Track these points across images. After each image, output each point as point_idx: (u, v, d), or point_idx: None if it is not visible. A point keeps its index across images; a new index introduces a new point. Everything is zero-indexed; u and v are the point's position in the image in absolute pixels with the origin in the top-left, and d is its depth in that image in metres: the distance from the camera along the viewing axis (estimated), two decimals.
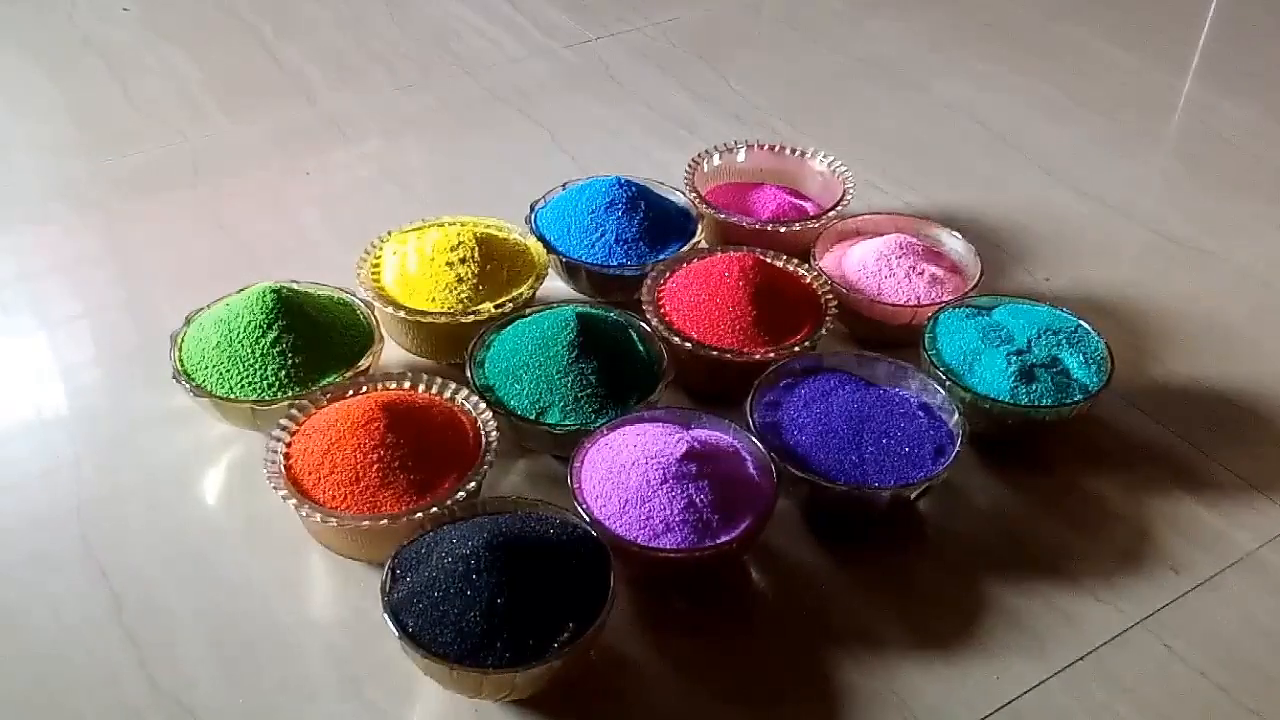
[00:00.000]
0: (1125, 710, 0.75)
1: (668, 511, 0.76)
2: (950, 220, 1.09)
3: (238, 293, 0.94)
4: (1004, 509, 0.88)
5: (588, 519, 0.77)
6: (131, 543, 0.83)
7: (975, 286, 0.99)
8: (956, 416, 0.86)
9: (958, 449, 0.83)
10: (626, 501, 0.77)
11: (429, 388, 0.87)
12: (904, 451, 0.83)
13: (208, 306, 0.94)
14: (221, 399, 0.86)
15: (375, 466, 0.78)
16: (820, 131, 1.31)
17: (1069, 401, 0.88)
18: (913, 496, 0.82)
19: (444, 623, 0.69)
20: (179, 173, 1.22)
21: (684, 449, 0.78)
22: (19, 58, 1.41)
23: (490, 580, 0.69)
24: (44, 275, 1.07)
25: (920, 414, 0.86)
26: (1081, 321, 0.94)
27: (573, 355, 0.87)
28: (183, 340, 0.90)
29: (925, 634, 0.79)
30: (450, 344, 0.96)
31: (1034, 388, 0.88)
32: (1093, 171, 1.28)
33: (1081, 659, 0.78)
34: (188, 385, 0.86)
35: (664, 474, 0.77)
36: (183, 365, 0.88)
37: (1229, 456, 0.93)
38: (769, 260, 0.98)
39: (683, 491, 0.77)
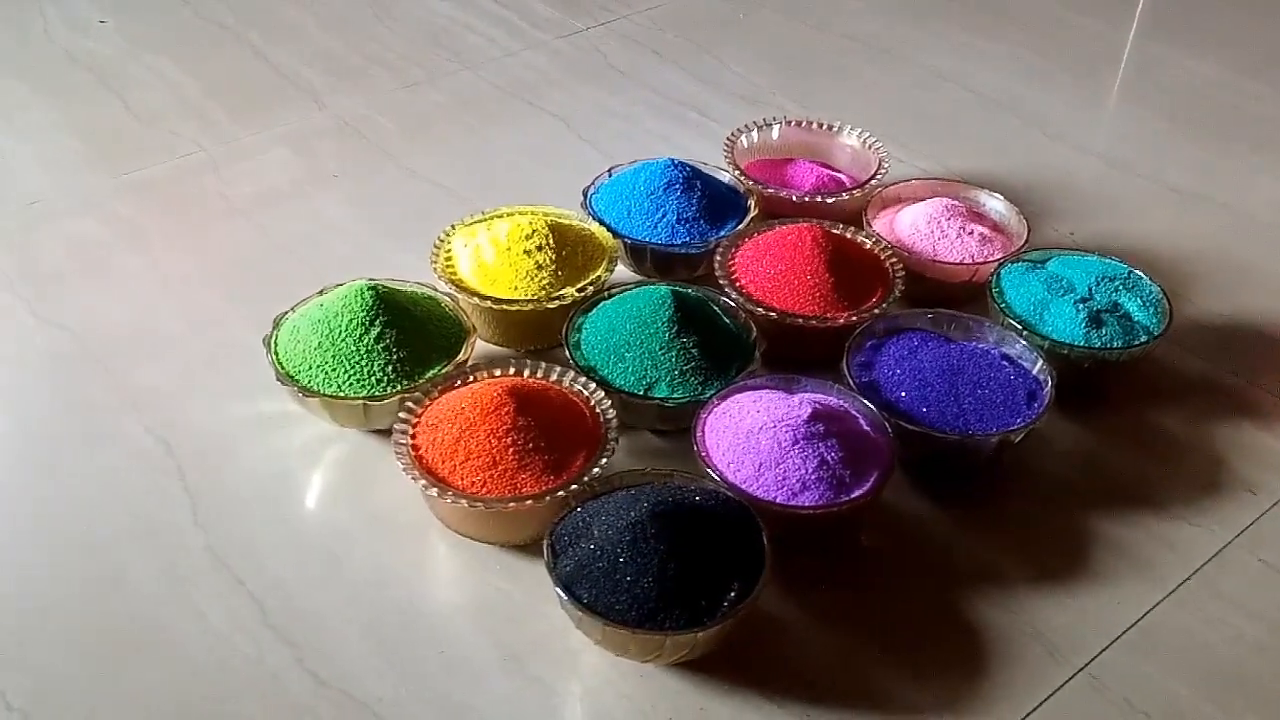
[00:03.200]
0: (1238, 621, 0.80)
1: (803, 471, 0.79)
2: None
3: (319, 294, 0.95)
4: (1083, 447, 0.93)
5: (725, 484, 0.79)
6: (258, 549, 0.83)
7: (1027, 242, 1.04)
8: (1040, 363, 0.90)
9: (1050, 393, 0.88)
10: (761, 464, 0.80)
11: (534, 372, 0.89)
12: (999, 400, 0.88)
13: (293, 310, 0.93)
14: (333, 398, 0.86)
15: (511, 450, 0.80)
16: (828, 107, 1.35)
17: (1137, 343, 0.94)
18: (1017, 441, 0.86)
19: (618, 591, 0.71)
20: (204, 182, 1.20)
21: (809, 410, 0.81)
22: (1, 76, 1.37)
23: (659, 546, 0.72)
24: (91, 292, 1.05)
25: (1005, 364, 0.91)
26: (1133, 269, 1.00)
27: (673, 331, 0.89)
28: (275, 344, 0.90)
29: (1041, 569, 0.83)
30: (532, 331, 0.97)
31: (1103, 332, 0.94)
32: (1087, 130, 1.35)
33: (1189, 579, 0.83)
34: (295, 388, 0.86)
35: (794, 435, 0.80)
36: (283, 368, 0.88)
37: (1273, 382, 0.99)
38: (834, 230, 1.01)
39: (814, 451, 0.80)
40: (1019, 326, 0.94)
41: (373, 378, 0.87)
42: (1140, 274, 0.99)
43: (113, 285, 1.06)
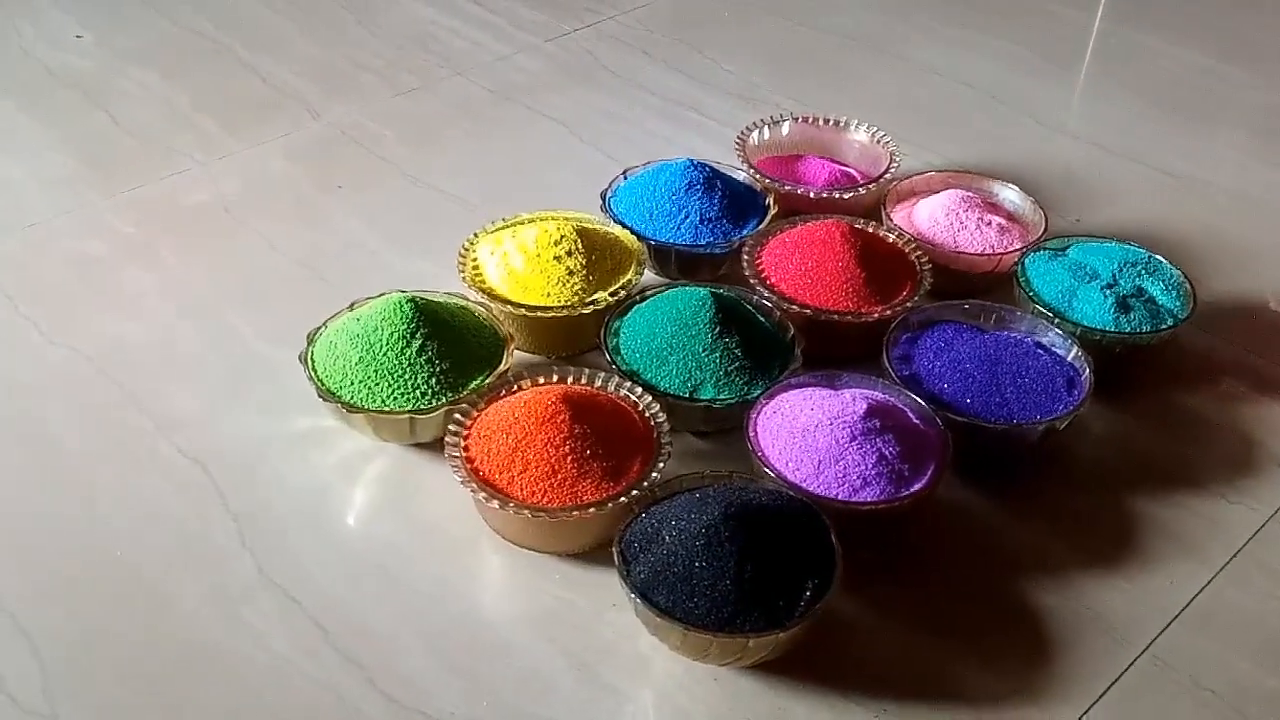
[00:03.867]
0: None
1: (863, 467, 0.80)
2: None
3: (349, 309, 0.93)
4: (1117, 431, 0.94)
5: (785, 483, 0.79)
6: (309, 568, 0.81)
7: (1046, 230, 1.05)
8: (1076, 349, 0.92)
9: (1089, 379, 0.89)
10: (820, 462, 0.80)
11: (577, 379, 0.88)
12: (1039, 388, 0.89)
13: (325, 325, 0.92)
14: (378, 413, 0.85)
15: (569, 458, 0.79)
16: (823, 103, 1.35)
17: (1164, 326, 0.95)
18: (1061, 428, 0.87)
19: (695, 595, 0.71)
20: (205, 197, 1.18)
21: (865, 406, 0.82)
22: None
23: (734, 549, 0.72)
24: (103, 312, 1.03)
25: (1040, 352, 0.92)
26: (1152, 254, 1.01)
27: (715, 332, 0.89)
28: (313, 361, 0.89)
29: (1092, 553, 0.84)
30: (566, 337, 0.97)
31: (1131, 316, 0.95)
32: (1080, 119, 1.37)
33: (1235, 556, 0.85)
34: (338, 404, 0.85)
35: (851, 432, 0.81)
36: (323, 385, 0.87)
37: None
38: (859, 225, 1.02)
39: (872, 447, 0.80)
40: (1050, 314, 0.95)
41: (416, 391, 0.86)
42: (1160, 258, 1.01)
43: (124, 305, 1.04)
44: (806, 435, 0.81)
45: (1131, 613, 0.80)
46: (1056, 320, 0.94)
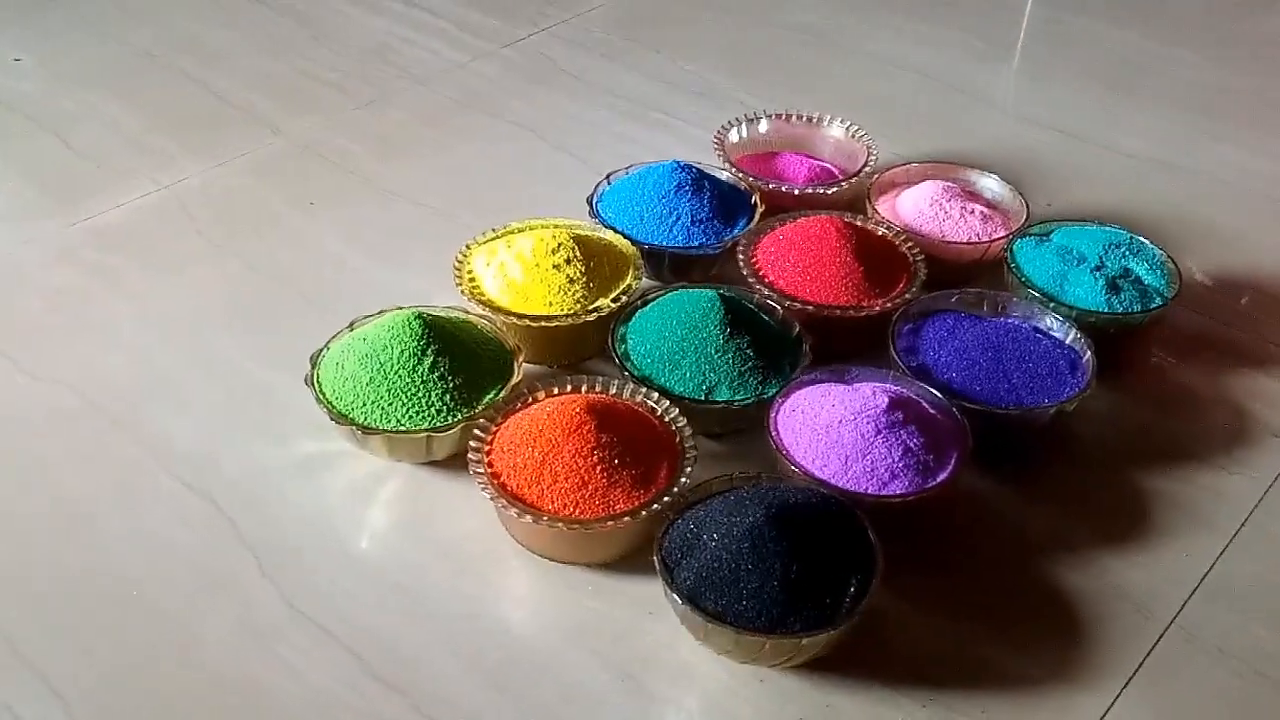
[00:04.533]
0: None
1: (890, 460, 0.80)
2: None
3: (349, 328, 0.91)
4: (1116, 410, 0.96)
5: (814, 480, 0.80)
6: (334, 595, 0.80)
7: (1028, 216, 1.07)
8: (1074, 332, 0.93)
9: (1091, 360, 0.91)
10: (847, 458, 0.80)
11: (590, 387, 0.88)
12: (1044, 371, 0.90)
13: (327, 346, 0.90)
14: (394, 433, 0.83)
15: (599, 468, 0.79)
16: (785, 99, 1.34)
17: (1153, 305, 0.98)
18: (1070, 409, 0.89)
19: (745, 598, 0.71)
20: (173, 219, 1.15)
21: (886, 400, 0.82)
22: None
23: (779, 549, 0.72)
24: (84, 345, 0.99)
25: (1039, 336, 0.94)
26: (1134, 235, 1.04)
27: (726, 333, 0.89)
28: (319, 384, 0.87)
29: (1109, 531, 0.86)
30: (569, 346, 0.96)
31: (1122, 297, 0.97)
32: (1039, 105, 1.40)
33: (1243, 525, 0.87)
34: (353, 427, 0.83)
35: (876, 426, 0.81)
36: (333, 407, 0.85)
37: (1268, 330, 1.05)
38: (851, 219, 1.03)
39: (898, 439, 0.81)
40: (1045, 299, 0.96)
41: (431, 408, 0.84)
42: (1142, 239, 1.03)
43: (105, 335, 1.01)
44: (831, 431, 0.82)
45: (1153, 587, 0.82)
46: (1052, 304, 0.96)
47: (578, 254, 0.96)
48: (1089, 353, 0.92)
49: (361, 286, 1.06)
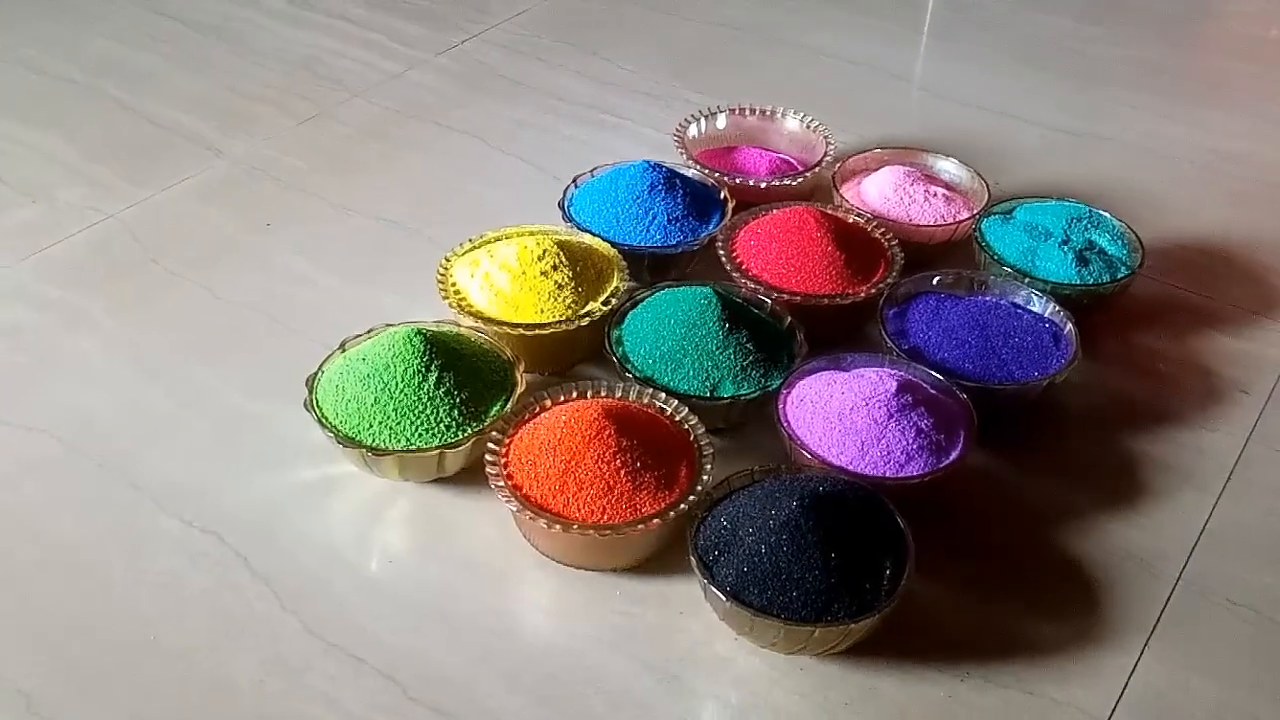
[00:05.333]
0: None
1: (904, 442, 0.82)
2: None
3: (342, 349, 0.90)
4: (1094, 378, 0.99)
5: (833, 468, 0.81)
6: (362, 622, 0.78)
7: (990, 197, 1.10)
8: (1052, 305, 0.96)
9: (1073, 331, 0.94)
10: (864, 443, 0.82)
11: (597, 392, 0.87)
12: (1029, 345, 0.93)
13: (321, 370, 0.88)
14: (406, 452, 0.82)
15: (623, 472, 0.79)
16: (725, 93, 1.36)
17: (1120, 275, 1.01)
18: (1060, 381, 0.92)
19: (788, 590, 0.72)
20: (126, 250, 1.11)
21: (895, 384, 0.84)
22: None
23: (817, 539, 0.73)
24: (55, 385, 0.95)
25: (1019, 311, 0.96)
26: (1093, 208, 1.07)
27: (725, 329, 0.90)
28: (320, 408, 0.85)
29: (1106, 496, 0.89)
30: (563, 351, 0.96)
31: (1090, 269, 1.01)
32: (973, 88, 1.44)
33: (1229, 480, 0.91)
34: (362, 450, 0.82)
35: (888, 410, 0.83)
36: (339, 431, 0.83)
37: (1222, 292, 1.10)
38: (826, 209, 1.04)
39: (910, 422, 0.83)
40: (1020, 275, 0.99)
41: (440, 424, 0.83)
42: (1101, 212, 1.07)
43: (74, 373, 0.97)
44: (843, 418, 0.83)
45: (1157, 546, 0.85)
46: (1027, 280, 0.99)
47: (563, 259, 0.95)
48: (1069, 324, 0.95)
49: (335, 307, 1.04)
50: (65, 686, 0.74)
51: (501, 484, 0.80)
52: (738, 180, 1.10)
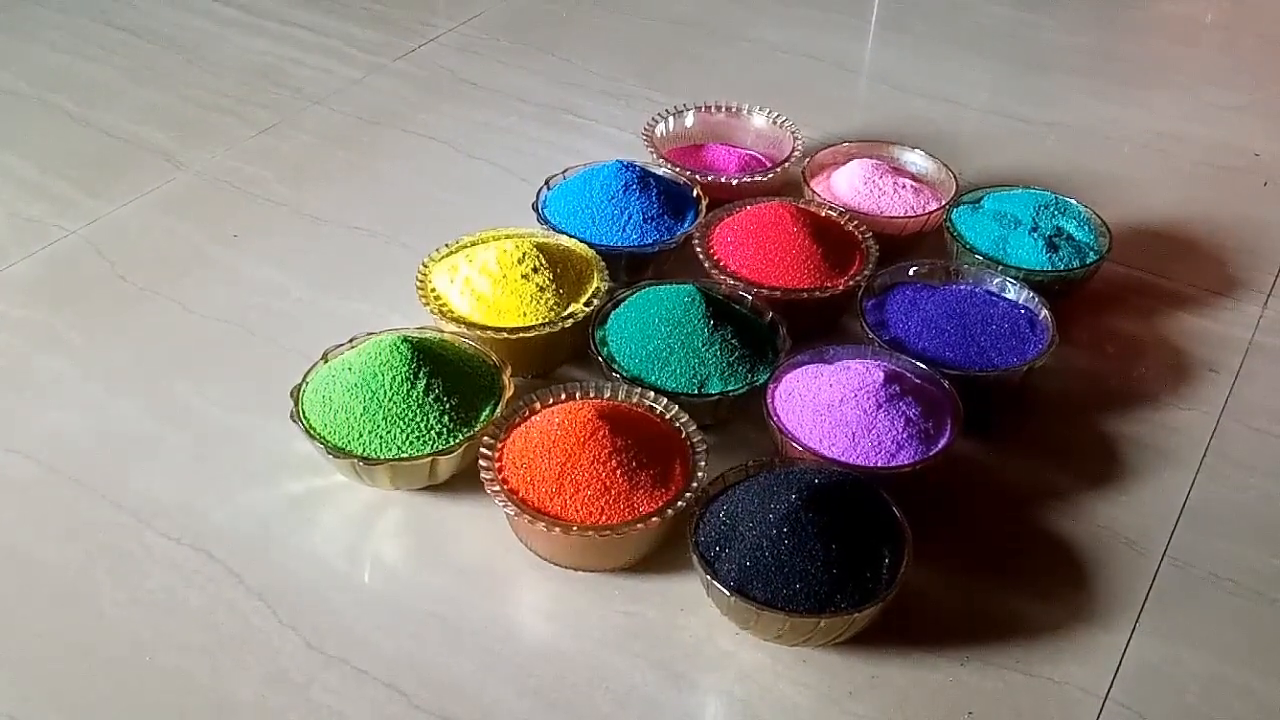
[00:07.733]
0: (1260, 482, 0.91)
1: (894, 431, 0.83)
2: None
3: (324, 360, 0.89)
4: (1067, 362, 1.01)
5: (825, 459, 0.81)
6: (364, 634, 0.77)
7: (958, 187, 1.11)
8: (1027, 292, 0.98)
9: (1049, 317, 0.96)
10: (854, 435, 0.83)
11: (586, 393, 0.87)
12: (1007, 331, 0.95)
13: (306, 381, 0.87)
14: (398, 461, 0.82)
15: (619, 472, 0.79)
16: (686, 91, 1.37)
17: (1090, 260, 1.03)
18: (1039, 366, 0.93)
19: (790, 582, 0.72)
20: (91, 266, 1.09)
21: (882, 374, 0.85)
22: None
23: (816, 530, 0.73)
24: (27, 406, 0.93)
25: (995, 299, 0.98)
26: (1059, 195, 1.09)
27: (711, 325, 0.90)
28: (307, 419, 0.84)
29: (1088, 476, 0.91)
30: (546, 353, 0.96)
31: (1061, 254, 1.02)
32: (927, 78, 1.45)
33: (1205, 456, 0.93)
34: (354, 460, 0.81)
35: (876, 401, 0.83)
36: (327, 442, 0.83)
37: (1182, 273, 1.12)
38: (800, 204, 1.05)
39: (898, 411, 0.83)
40: (993, 263, 1.01)
41: (431, 432, 0.83)
42: (1067, 198, 1.09)
43: (46, 394, 0.95)
44: (833, 410, 0.84)
45: (1140, 524, 0.87)
46: (1000, 267, 1.00)
47: (543, 261, 0.95)
48: (1044, 309, 0.96)
49: (311, 317, 1.03)
50: (61, 713, 0.72)
51: (497, 488, 0.79)
52: (709, 178, 1.11)
